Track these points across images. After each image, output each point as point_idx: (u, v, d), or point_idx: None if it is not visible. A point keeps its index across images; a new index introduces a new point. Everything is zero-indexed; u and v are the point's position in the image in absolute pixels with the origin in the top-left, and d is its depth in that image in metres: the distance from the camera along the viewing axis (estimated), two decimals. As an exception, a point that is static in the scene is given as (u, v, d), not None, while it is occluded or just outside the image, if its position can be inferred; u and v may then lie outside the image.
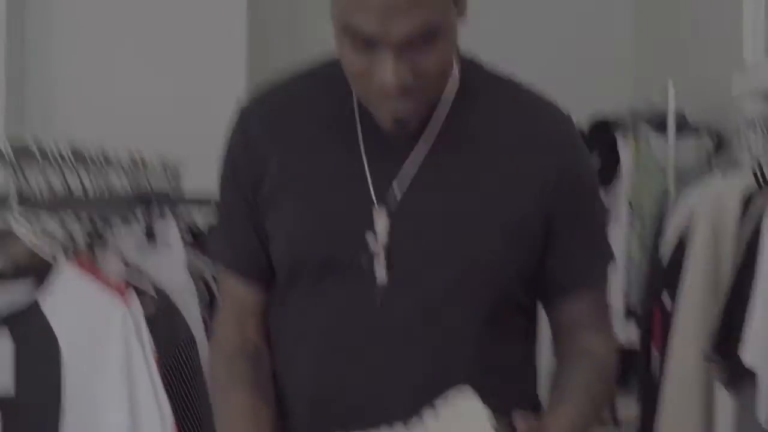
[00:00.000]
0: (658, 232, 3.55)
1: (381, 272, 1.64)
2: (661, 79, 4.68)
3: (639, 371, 3.57)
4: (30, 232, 2.29)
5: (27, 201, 2.35)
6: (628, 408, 5.72)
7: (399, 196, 1.64)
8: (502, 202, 1.65)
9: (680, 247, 3.04)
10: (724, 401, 2.73)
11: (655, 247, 3.49)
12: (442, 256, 1.63)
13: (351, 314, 1.66)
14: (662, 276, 3.13)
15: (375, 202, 1.64)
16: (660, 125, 4.51)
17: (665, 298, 3.11)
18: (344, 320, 1.67)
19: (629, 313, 4.45)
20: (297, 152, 1.70)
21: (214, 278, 2.75)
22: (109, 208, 2.69)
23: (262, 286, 1.78)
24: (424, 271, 1.64)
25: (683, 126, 4.46)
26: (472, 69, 1.74)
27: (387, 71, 1.54)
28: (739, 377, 2.55)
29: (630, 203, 4.48)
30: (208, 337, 2.44)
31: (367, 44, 1.54)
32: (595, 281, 1.77)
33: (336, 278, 1.67)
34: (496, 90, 1.74)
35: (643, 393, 3.49)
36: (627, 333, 4.43)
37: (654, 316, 3.30)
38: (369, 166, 1.67)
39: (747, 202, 2.76)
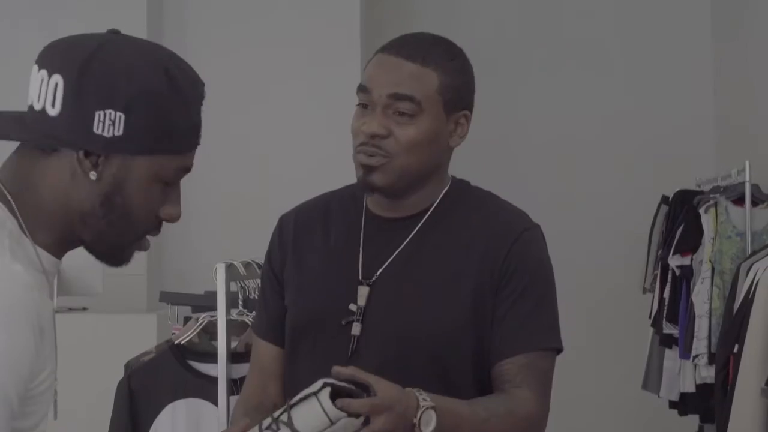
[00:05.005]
0: (731, 293, 4.24)
1: (356, 328, 2.02)
2: (734, 158, 5.41)
3: (717, 405, 4.19)
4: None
5: (247, 302, 3.05)
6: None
7: (379, 273, 2.04)
8: (459, 284, 2.02)
9: (746, 305, 3.75)
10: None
11: (729, 306, 4.18)
12: (404, 320, 2.01)
13: (330, 361, 1.90)
14: (734, 328, 3.83)
15: (361, 279, 2.05)
16: (736, 196, 5.30)
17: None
18: (326, 367, 1.90)
19: (713, 356, 5.00)
20: (310, 247, 2.13)
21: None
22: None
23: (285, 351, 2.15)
24: (389, 330, 2.01)
25: (758, 197, 5.26)
26: (459, 184, 2.16)
27: (370, 121, 2.00)
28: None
29: (712, 264, 5.17)
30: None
31: (364, 108, 2.03)
32: (529, 349, 2.01)
33: (325, 336, 2.05)
34: (475, 200, 2.13)
35: (720, 424, 4.09)
36: (711, 374, 5.09)
37: (729, 361, 3.98)
38: (363, 253, 2.07)
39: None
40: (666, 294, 5.73)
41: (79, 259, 4.95)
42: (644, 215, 6.23)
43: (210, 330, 2.99)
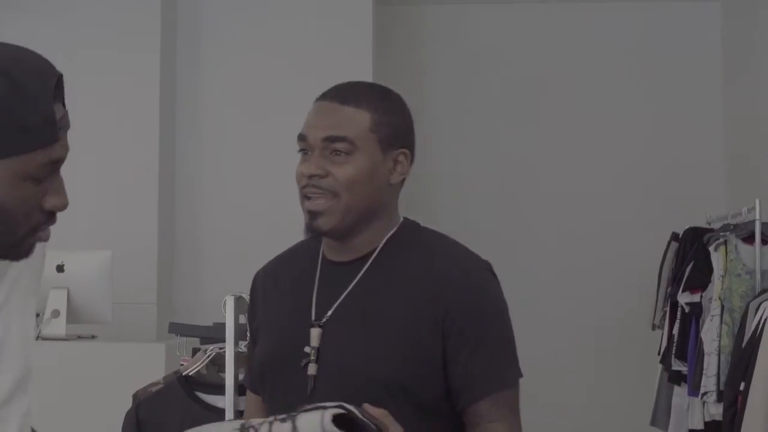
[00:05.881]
0: (741, 331, 4.23)
1: (312, 368, 2.09)
2: (744, 196, 5.41)
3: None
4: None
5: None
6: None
7: (329, 315, 2.12)
8: (403, 326, 2.08)
9: (753, 343, 3.74)
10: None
11: (738, 344, 4.17)
12: (354, 358, 2.07)
13: (291, 402, 2.00)
14: (741, 366, 3.81)
15: (313, 321, 2.12)
16: (746, 234, 5.29)
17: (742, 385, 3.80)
18: (288, 407, 1.97)
19: (721, 394, 4.95)
20: (274, 296, 2.24)
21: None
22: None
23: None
24: (341, 368, 2.08)
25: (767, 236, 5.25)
26: (409, 225, 2.21)
27: (308, 165, 2.09)
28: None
29: (721, 302, 5.14)
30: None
31: (305, 154, 2.11)
32: (497, 390, 2.10)
33: (286, 378, 2.14)
34: (423, 241, 2.19)
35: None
36: (720, 411, 5.07)
37: (738, 398, 3.97)
38: (317, 298, 2.15)
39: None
40: (675, 331, 5.71)
41: (88, 287, 4.95)
42: (654, 252, 6.24)
43: (218, 362, 3.01)
